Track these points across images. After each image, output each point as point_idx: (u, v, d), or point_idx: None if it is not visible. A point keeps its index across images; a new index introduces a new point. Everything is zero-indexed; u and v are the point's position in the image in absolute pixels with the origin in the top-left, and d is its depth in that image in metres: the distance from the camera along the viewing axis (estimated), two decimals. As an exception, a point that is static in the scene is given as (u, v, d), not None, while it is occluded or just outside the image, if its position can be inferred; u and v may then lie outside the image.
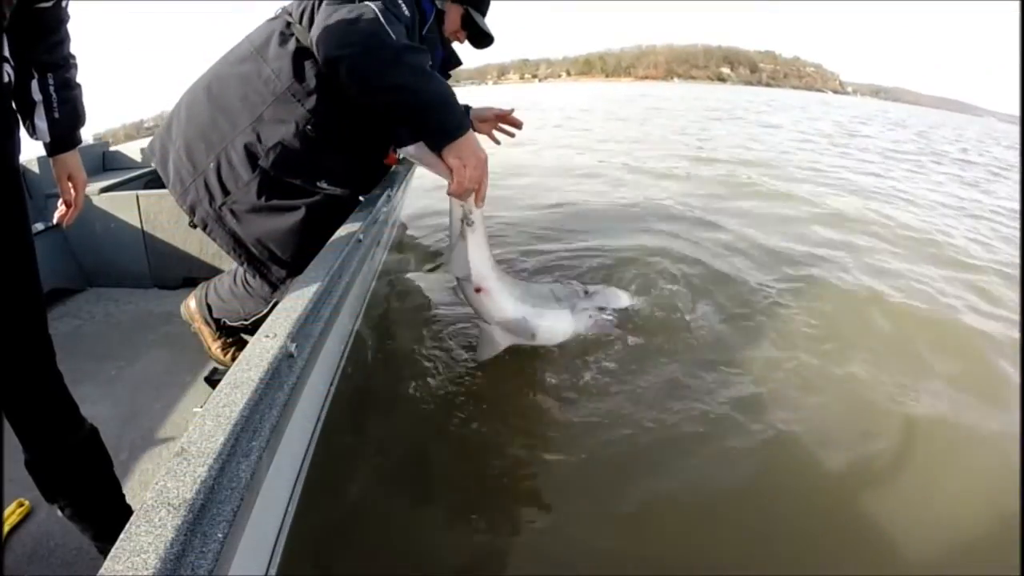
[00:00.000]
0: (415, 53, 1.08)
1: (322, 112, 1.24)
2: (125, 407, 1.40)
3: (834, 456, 1.41)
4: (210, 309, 1.53)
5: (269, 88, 1.23)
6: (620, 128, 9.73)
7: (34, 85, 0.85)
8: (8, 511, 1.06)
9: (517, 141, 1.83)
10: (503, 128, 1.85)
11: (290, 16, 1.27)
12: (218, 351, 1.56)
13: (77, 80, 0.91)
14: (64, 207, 1.02)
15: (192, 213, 1.32)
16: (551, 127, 9.14)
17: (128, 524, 0.43)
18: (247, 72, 1.25)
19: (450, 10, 1.43)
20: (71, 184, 1.00)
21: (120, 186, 2.18)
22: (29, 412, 0.77)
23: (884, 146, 9.07)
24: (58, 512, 0.86)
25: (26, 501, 1.08)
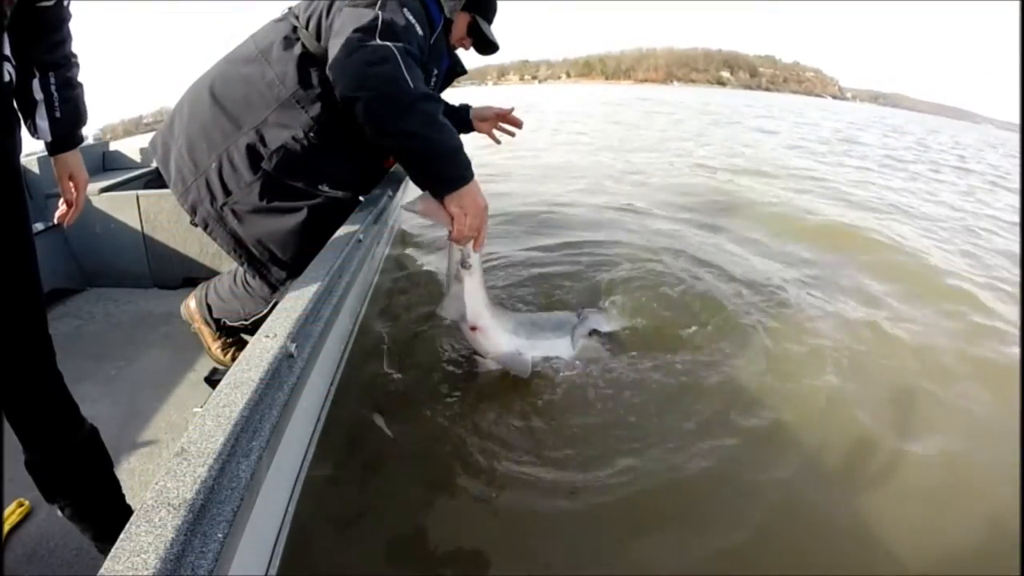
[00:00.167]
0: (429, 102, 1.12)
1: (325, 119, 1.24)
2: (125, 407, 1.40)
3: (831, 459, 1.41)
4: (210, 309, 1.53)
5: (273, 93, 1.23)
6: (618, 131, 9.73)
7: (35, 84, 0.85)
8: (8, 511, 1.05)
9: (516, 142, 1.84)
10: (503, 127, 1.85)
11: (296, 20, 1.27)
12: (218, 351, 1.56)
13: (79, 79, 0.91)
14: (65, 207, 1.02)
15: (193, 212, 1.32)
16: (548, 130, 9.02)
17: (128, 524, 0.43)
18: (251, 74, 1.25)
19: (457, 18, 1.43)
20: (72, 184, 1.00)
21: (120, 186, 2.18)
22: (29, 412, 0.77)
23: (882, 154, 9.02)
24: (58, 512, 0.85)
25: (26, 501, 1.08)
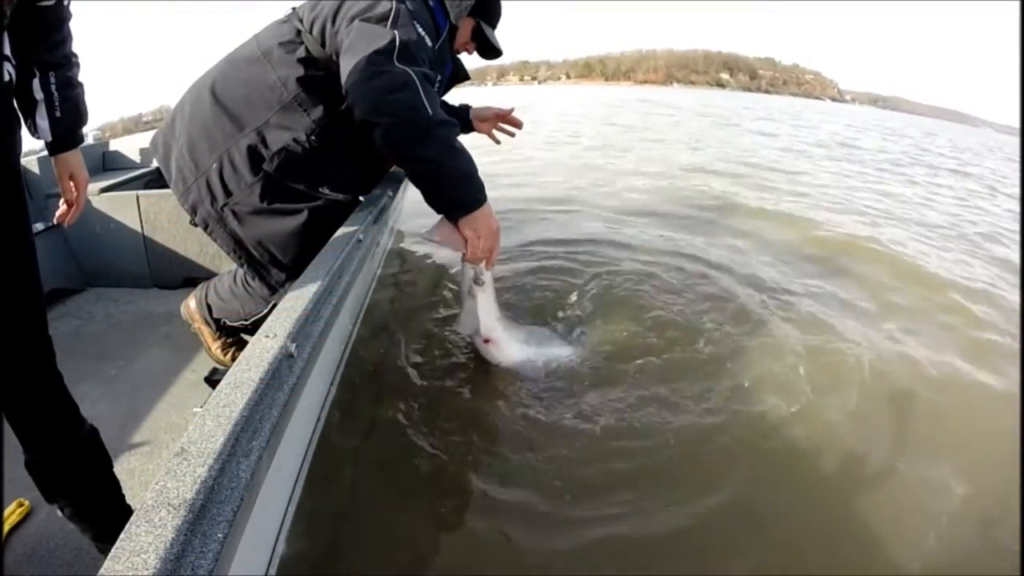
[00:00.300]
0: (446, 128, 1.14)
1: (327, 122, 1.24)
2: (125, 407, 1.40)
3: (831, 460, 1.40)
4: (210, 309, 1.53)
5: (275, 95, 1.23)
6: (615, 132, 9.69)
7: (36, 84, 0.84)
8: (8, 511, 1.05)
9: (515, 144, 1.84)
10: (503, 127, 1.85)
11: (300, 23, 1.27)
12: (218, 351, 1.56)
13: (79, 79, 0.91)
14: (65, 206, 1.02)
15: (194, 212, 1.32)
16: (543, 135, 8.83)
17: (128, 524, 0.43)
18: (253, 76, 1.25)
19: (462, 23, 1.43)
20: (72, 183, 1.00)
21: (120, 186, 2.18)
22: (29, 412, 0.77)
23: (881, 158, 8.96)
24: (58, 512, 0.85)
25: (26, 501, 1.08)
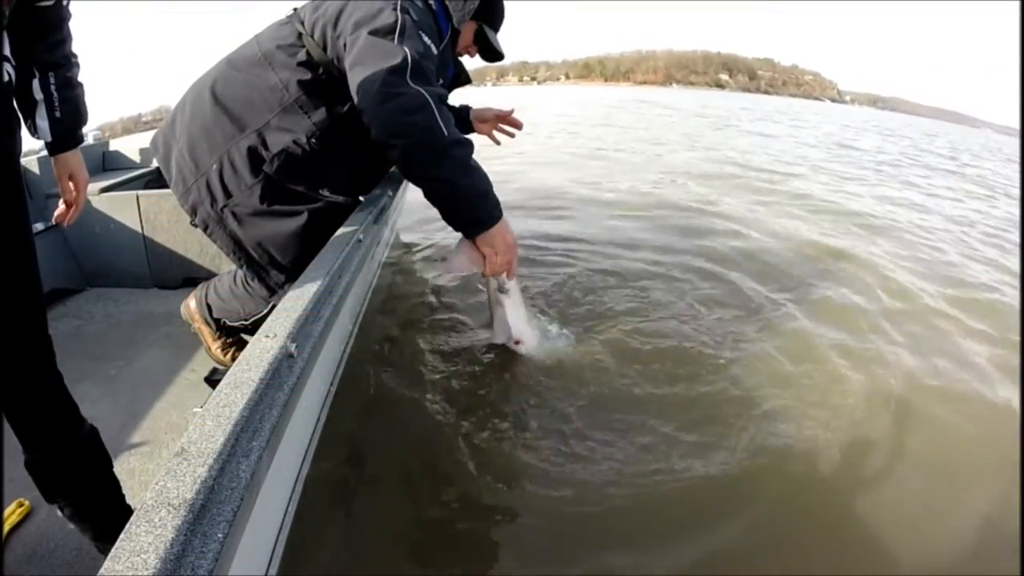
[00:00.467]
0: (461, 147, 1.15)
1: (328, 124, 1.24)
2: (125, 407, 1.40)
3: (831, 461, 1.40)
4: (210, 309, 1.53)
5: (276, 97, 1.23)
6: (612, 134, 9.68)
7: (35, 84, 0.84)
8: (8, 511, 1.05)
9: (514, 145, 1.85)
10: (503, 128, 1.85)
11: (302, 25, 1.27)
12: (218, 351, 1.56)
13: (79, 79, 0.91)
14: (64, 206, 1.02)
15: (193, 213, 1.32)
16: (542, 136, 8.82)
17: (128, 524, 0.43)
18: (254, 77, 1.25)
19: (464, 27, 1.43)
20: (72, 184, 1.00)
21: (120, 186, 2.18)
22: (29, 412, 0.77)
23: (880, 159, 8.96)
24: (58, 512, 0.85)
25: (26, 501, 1.08)
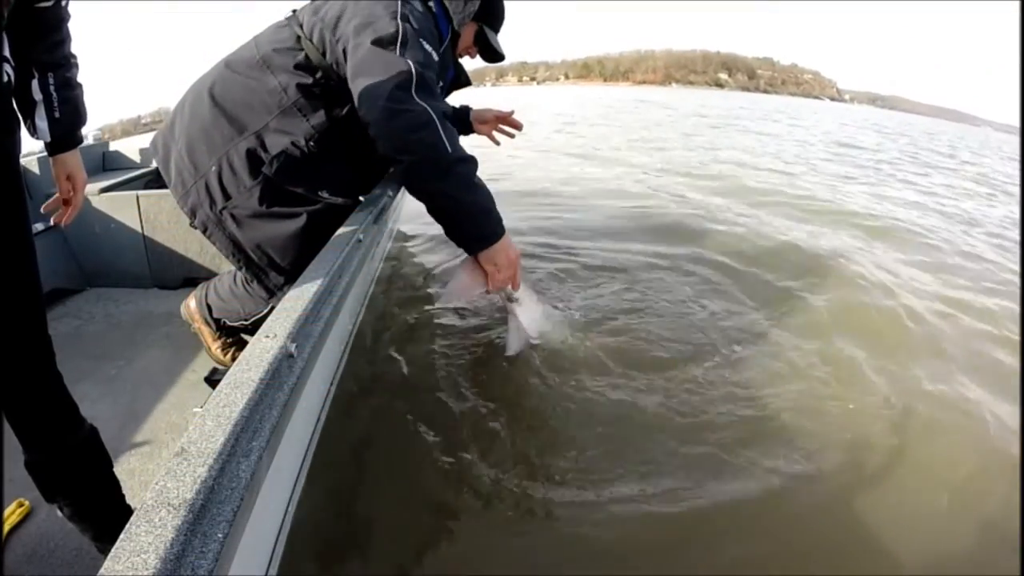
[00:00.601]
0: (465, 164, 1.18)
1: (326, 127, 1.25)
2: (125, 407, 1.40)
3: (831, 462, 1.40)
4: (210, 309, 1.53)
5: (275, 100, 1.23)
6: (612, 133, 9.68)
7: (34, 85, 0.84)
8: (8, 511, 1.05)
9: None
10: (503, 129, 1.86)
11: (301, 28, 1.27)
12: (218, 351, 1.56)
13: (78, 79, 0.91)
14: (63, 206, 1.01)
15: (193, 216, 1.32)
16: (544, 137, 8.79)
17: (128, 524, 0.43)
18: (253, 80, 1.25)
19: (465, 29, 1.43)
20: (70, 184, 1.00)
21: (120, 186, 2.18)
22: (29, 412, 0.77)
23: (879, 158, 8.96)
24: (58, 512, 0.85)
25: (26, 501, 1.08)
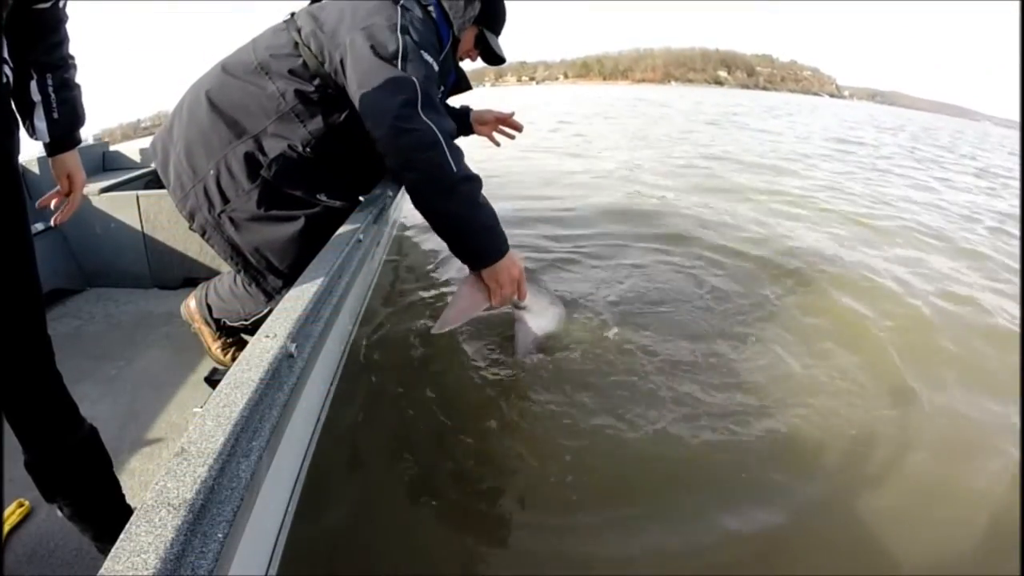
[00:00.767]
0: (470, 183, 1.20)
1: (324, 132, 1.25)
2: (125, 407, 1.40)
3: (831, 462, 1.40)
4: (210, 309, 1.53)
5: (273, 105, 1.23)
6: (611, 132, 9.67)
7: (33, 86, 0.85)
8: (8, 511, 1.05)
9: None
10: (503, 130, 1.85)
11: (298, 34, 1.27)
12: (218, 351, 1.56)
13: (76, 80, 0.91)
14: (58, 199, 1.01)
15: (191, 219, 1.32)
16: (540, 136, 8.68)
17: (128, 524, 0.43)
18: (251, 84, 1.25)
19: (465, 33, 1.43)
20: (70, 183, 1.00)
21: (120, 186, 2.18)
22: (29, 412, 0.77)
23: (879, 153, 8.94)
24: (58, 512, 0.85)
25: (26, 501, 1.08)
